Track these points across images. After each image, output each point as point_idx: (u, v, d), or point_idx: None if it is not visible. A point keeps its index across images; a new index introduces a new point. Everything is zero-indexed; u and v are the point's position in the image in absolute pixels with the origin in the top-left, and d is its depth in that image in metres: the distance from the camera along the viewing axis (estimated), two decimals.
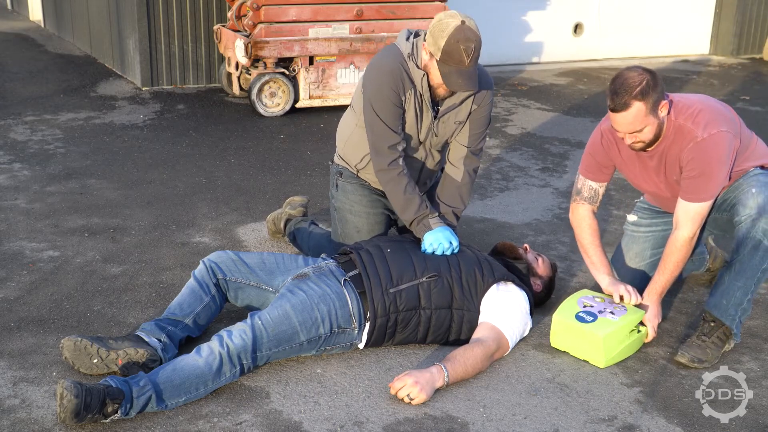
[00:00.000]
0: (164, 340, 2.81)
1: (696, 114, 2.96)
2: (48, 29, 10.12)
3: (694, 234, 3.01)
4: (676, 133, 2.98)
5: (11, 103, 6.43)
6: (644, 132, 2.92)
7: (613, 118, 2.91)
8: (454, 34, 3.01)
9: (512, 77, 8.15)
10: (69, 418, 2.40)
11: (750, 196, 2.95)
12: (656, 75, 2.89)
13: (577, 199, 3.29)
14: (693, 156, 2.93)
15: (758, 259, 2.92)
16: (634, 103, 2.83)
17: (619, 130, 2.94)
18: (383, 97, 3.18)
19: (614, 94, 2.85)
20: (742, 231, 2.94)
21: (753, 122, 6.32)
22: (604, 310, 3.01)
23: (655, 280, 3.10)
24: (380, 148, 3.24)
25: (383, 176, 3.28)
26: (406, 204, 3.26)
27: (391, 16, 6.40)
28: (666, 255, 3.05)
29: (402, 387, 2.68)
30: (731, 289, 2.98)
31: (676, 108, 2.99)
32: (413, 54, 3.20)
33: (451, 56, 3.03)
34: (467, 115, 3.31)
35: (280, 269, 3.06)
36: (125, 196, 4.54)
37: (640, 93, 2.82)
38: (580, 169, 3.28)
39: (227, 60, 6.66)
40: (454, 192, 3.41)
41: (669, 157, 3.03)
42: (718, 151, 2.92)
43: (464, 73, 3.07)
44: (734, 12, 9.58)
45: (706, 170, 2.92)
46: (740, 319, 3.01)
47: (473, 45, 3.03)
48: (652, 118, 2.89)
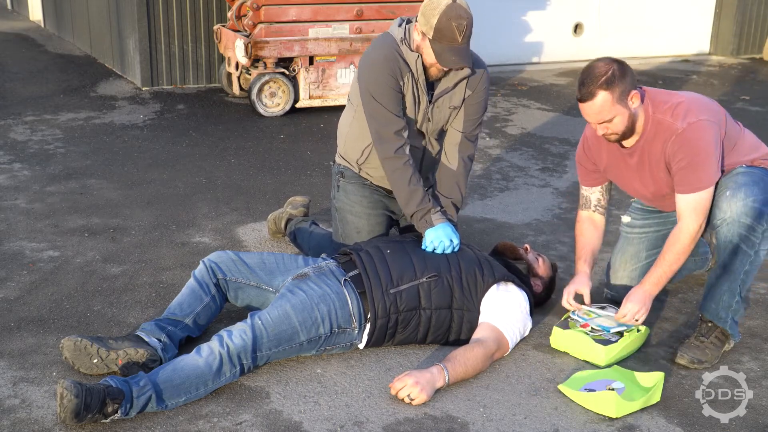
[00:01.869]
0: (164, 340, 2.81)
1: (675, 107, 2.96)
2: (48, 29, 10.13)
3: (699, 226, 2.95)
4: (656, 129, 2.98)
5: (11, 103, 6.43)
6: (615, 122, 2.92)
7: (581, 108, 2.94)
8: (445, 12, 3.01)
9: (512, 77, 8.15)
10: (69, 418, 2.40)
11: (724, 199, 2.93)
12: (625, 65, 2.91)
13: (578, 209, 3.37)
14: (677, 148, 2.92)
15: (738, 263, 2.91)
16: (599, 92, 2.85)
17: (588, 120, 2.97)
18: (382, 84, 3.17)
19: (581, 84, 2.89)
20: (720, 236, 2.94)
21: (753, 122, 6.32)
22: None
23: (651, 271, 3.02)
24: (385, 134, 3.22)
25: (389, 164, 3.26)
26: (410, 195, 3.25)
27: (391, 16, 6.40)
28: (667, 246, 2.98)
29: (402, 387, 2.68)
30: (718, 293, 2.98)
31: (654, 102, 2.99)
32: (406, 38, 3.20)
33: (443, 34, 3.03)
34: (461, 100, 3.30)
35: (280, 269, 3.06)
36: (125, 196, 4.54)
37: (605, 82, 2.84)
38: (579, 180, 3.36)
39: (227, 60, 6.66)
40: (451, 181, 3.41)
41: (651, 154, 3.02)
42: (701, 138, 2.91)
43: (457, 50, 3.07)
44: (734, 12, 9.58)
45: (694, 160, 2.91)
46: (733, 319, 3.00)
47: (465, 22, 3.03)
48: (621, 107, 2.89)
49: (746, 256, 2.90)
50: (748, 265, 2.91)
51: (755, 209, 2.87)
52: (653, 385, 2.75)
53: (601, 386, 2.75)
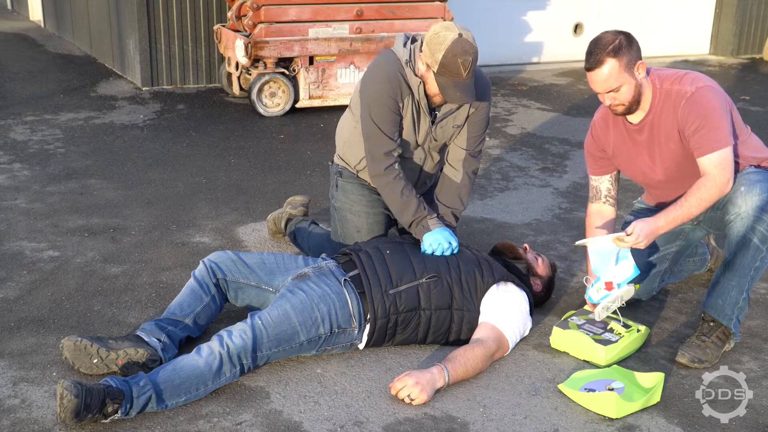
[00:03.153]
0: (164, 340, 2.81)
1: (681, 77, 3.03)
2: (48, 29, 10.13)
3: (728, 180, 2.92)
4: (664, 100, 3.01)
5: (11, 103, 6.43)
6: (622, 91, 2.96)
7: (589, 78, 2.98)
8: (451, 48, 3.02)
9: (512, 77, 8.15)
10: (69, 418, 2.40)
11: (739, 195, 2.94)
12: (631, 36, 2.97)
13: (588, 203, 3.38)
14: (688, 111, 2.95)
15: (749, 258, 2.91)
16: (607, 59, 2.91)
17: (596, 90, 3.00)
18: (381, 104, 3.19)
19: (589, 54, 2.95)
20: (733, 230, 2.95)
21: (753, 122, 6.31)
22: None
23: (669, 209, 2.95)
24: (376, 154, 3.26)
25: (379, 181, 3.30)
26: (404, 207, 3.26)
27: (391, 16, 6.40)
28: (691, 191, 2.93)
29: (402, 387, 2.68)
30: (726, 289, 2.98)
31: (661, 77, 3.05)
32: (410, 61, 3.21)
33: (448, 69, 3.04)
34: (465, 118, 3.32)
35: (280, 269, 3.07)
36: (125, 196, 4.54)
37: (613, 50, 2.91)
38: (587, 171, 3.37)
39: (227, 60, 6.66)
40: (453, 193, 3.42)
41: (661, 126, 3.04)
42: (710, 100, 2.95)
43: (461, 86, 3.08)
44: (734, 12, 9.58)
45: (705, 121, 2.93)
46: (738, 318, 3.01)
47: (470, 58, 3.04)
48: (628, 76, 2.94)
49: (758, 252, 2.90)
50: (759, 262, 2.92)
51: None
52: (653, 386, 2.74)
53: (601, 386, 2.75)
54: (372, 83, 3.24)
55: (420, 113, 3.25)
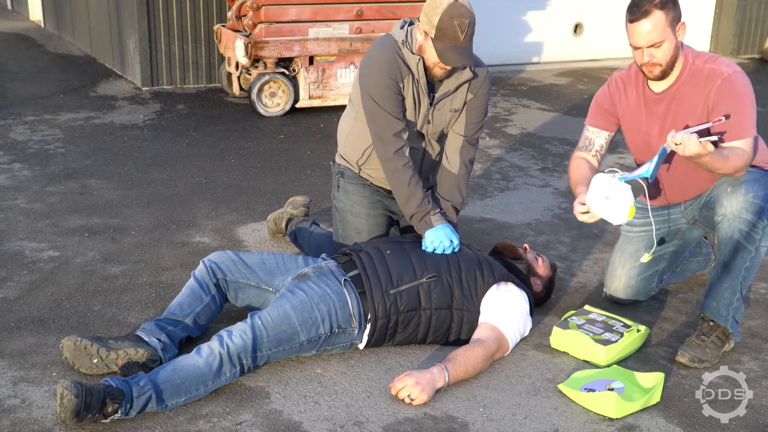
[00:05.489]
0: (164, 340, 2.81)
1: (715, 58, 3.01)
2: (48, 29, 10.12)
3: (745, 165, 2.90)
4: (692, 76, 3.00)
5: (11, 103, 6.43)
6: (663, 48, 2.93)
7: (633, 30, 2.94)
8: (447, 11, 3.02)
9: (512, 77, 8.15)
10: (69, 418, 2.40)
11: (725, 195, 2.94)
12: None
13: (574, 152, 3.33)
14: (723, 92, 2.93)
15: (739, 260, 2.91)
16: (654, 11, 2.89)
17: (638, 43, 2.95)
18: (382, 86, 3.18)
19: (634, 5, 2.93)
20: (720, 231, 2.95)
21: None
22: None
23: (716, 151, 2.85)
24: (384, 136, 3.23)
25: (389, 165, 3.27)
26: (409, 196, 3.25)
27: (391, 16, 6.40)
28: (731, 148, 2.89)
29: (403, 387, 2.68)
30: (719, 291, 2.98)
31: (694, 52, 3.04)
32: (407, 40, 3.20)
33: (445, 32, 3.03)
34: (463, 103, 3.31)
35: (280, 269, 3.07)
36: (125, 196, 4.54)
37: (661, 3, 2.90)
38: (586, 121, 3.32)
39: (227, 60, 6.66)
40: (452, 185, 3.41)
41: (683, 101, 3.02)
42: (746, 86, 2.95)
43: (459, 48, 3.07)
44: (734, 12, 9.58)
45: (737, 107, 2.91)
46: (734, 318, 3.00)
47: (467, 20, 3.03)
48: (671, 33, 2.92)
49: (747, 253, 2.90)
50: (748, 262, 2.91)
51: (756, 205, 2.87)
52: (653, 386, 2.75)
53: (600, 386, 2.75)
54: (370, 67, 3.23)
55: (420, 94, 3.25)
